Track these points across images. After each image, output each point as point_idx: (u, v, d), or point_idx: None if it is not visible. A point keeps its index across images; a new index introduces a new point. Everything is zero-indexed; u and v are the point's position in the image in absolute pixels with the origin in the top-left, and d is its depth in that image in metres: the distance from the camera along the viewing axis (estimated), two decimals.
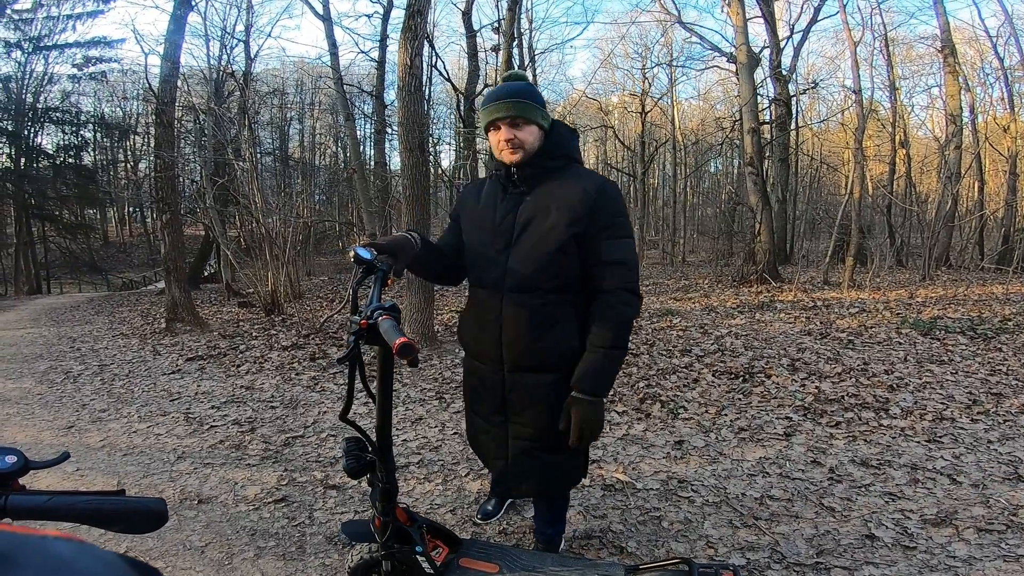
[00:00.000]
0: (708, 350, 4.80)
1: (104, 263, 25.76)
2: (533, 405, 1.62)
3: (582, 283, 1.58)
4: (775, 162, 14.26)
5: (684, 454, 2.83)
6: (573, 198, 1.53)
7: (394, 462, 1.53)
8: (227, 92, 15.67)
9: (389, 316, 1.20)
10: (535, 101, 1.58)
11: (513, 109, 1.55)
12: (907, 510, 2.25)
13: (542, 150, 1.59)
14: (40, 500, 0.68)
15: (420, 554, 1.59)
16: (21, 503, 0.68)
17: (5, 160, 22.12)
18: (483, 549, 1.78)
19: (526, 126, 1.56)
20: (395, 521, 1.54)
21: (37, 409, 4.06)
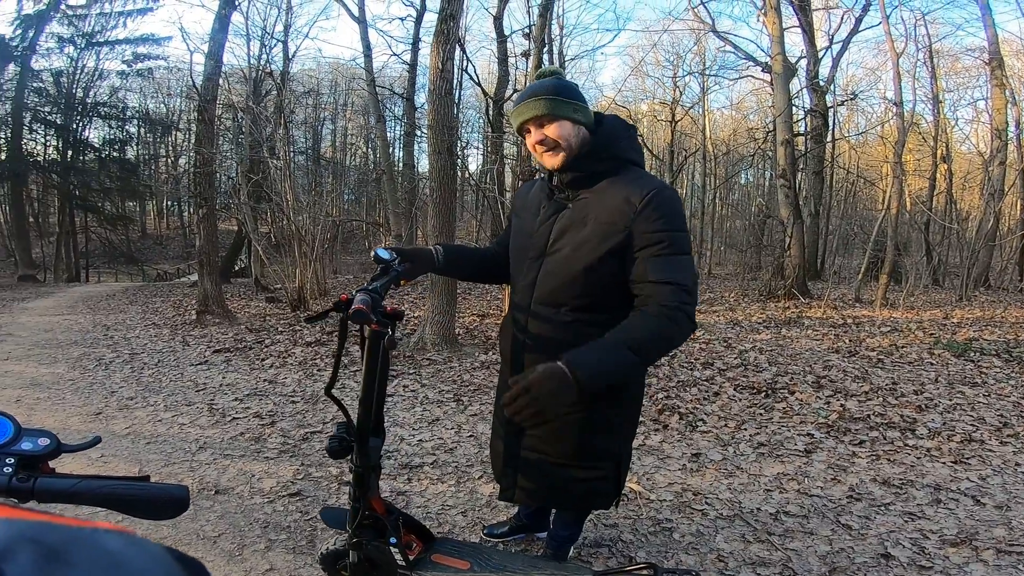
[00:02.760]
0: (731, 364, 4.72)
1: (141, 254, 26.69)
2: (547, 421, 1.51)
3: (620, 302, 1.41)
4: (809, 175, 13.95)
5: (700, 467, 2.79)
6: (613, 209, 1.36)
7: (377, 451, 1.53)
8: (264, 91, 16.10)
9: (366, 294, 1.24)
10: (566, 96, 1.41)
11: (539, 108, 1.40)
12: (927, 530, 2.19)
13: (586, 151, 1.42)
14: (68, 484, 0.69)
15: (394, 546, 1.61)
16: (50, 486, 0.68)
17: (53, 152, 23.13)
18: (456, 547, 1.79)
19: (556, 123, 1.40)
20: (369, 510, 1.54)
21: (68, 394, 4.20)
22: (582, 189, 1.44)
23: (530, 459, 1.61)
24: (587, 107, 1.45)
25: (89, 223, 24.21)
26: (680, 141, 21.80)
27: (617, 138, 1.45)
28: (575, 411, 1.50)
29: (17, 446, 0.71)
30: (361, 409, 1.46)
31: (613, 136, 1.45)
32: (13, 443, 0.72)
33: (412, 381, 4.34)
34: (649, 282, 1.33)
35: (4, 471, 0.69)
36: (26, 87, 21.19)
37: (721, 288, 11.68)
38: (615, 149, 1.43)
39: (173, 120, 27.91)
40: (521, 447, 1.63)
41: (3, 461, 0.70)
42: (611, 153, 1.43)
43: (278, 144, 9.34)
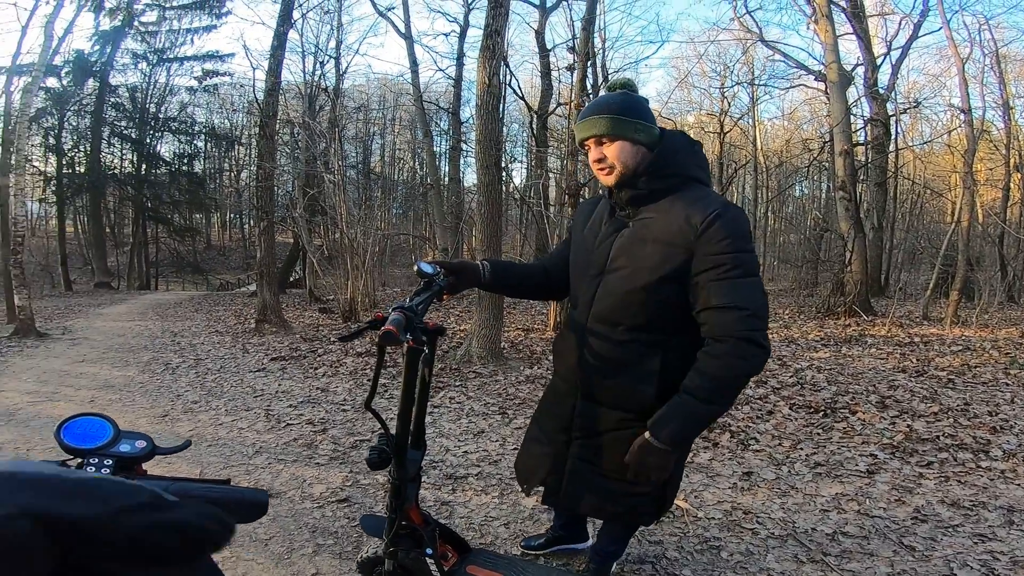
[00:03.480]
0: (786, 382, 4.54)
1: (205, 264, 28.16)
2: (599, 435, 1.54)
3: (679, 325, 1.40)
4: (870, 186, 13.29)
5: (752, 486, 2.69)
6: (673, 230, 1.33)
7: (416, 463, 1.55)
8: (319, 106, 16.80)
9: (401, 312, 1.25)
10: (628, 114, 1.38)
11: (599, 127, 1.39)
12: (997, 551, 2.06)
13: (645, 169, 1.39)
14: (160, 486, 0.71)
15: (430, 556, 1.62)
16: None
17: (128, 165, 24.84)
18: (491, 559, 1.78)
19: (616, 143, 1.39)
20: (405, 520, 1.56)
21: (138, 396, 4.48)
22: (644, 207, 1.42)
23: (577, 468, 1.60)
24: (651, 125, 1.42)
25: (160, 234, 25.79)
26: (729, 153, 21.27)
27: (677, 154, 1.42)
28: (623, 429, 1.49)
29: (116, 448, 0.75)
30: (399, 423, 1.48)
31: (673, 153, 1.42)
32: (112, 445, 0.75)
33: (458, 393, 4.39)
34: (712, 308, 1.30)
35: (102, 472, 0.71)
36: (105, 102, 22.82)
37: (775, 305, 11.26)
38: (676, 167, 1.41)
39: (236, 135, 29.41)
40: (569, 455, 1.62)
41: (102, 463, 0.73)
42: (672, 171, 1.40)
43: (332, 159, 9.73)
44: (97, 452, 0.73)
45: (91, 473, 0.69)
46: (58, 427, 0.75)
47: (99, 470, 0.71)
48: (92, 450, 0.73)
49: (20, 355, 6.17)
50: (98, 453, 0.73)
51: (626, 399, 1.48)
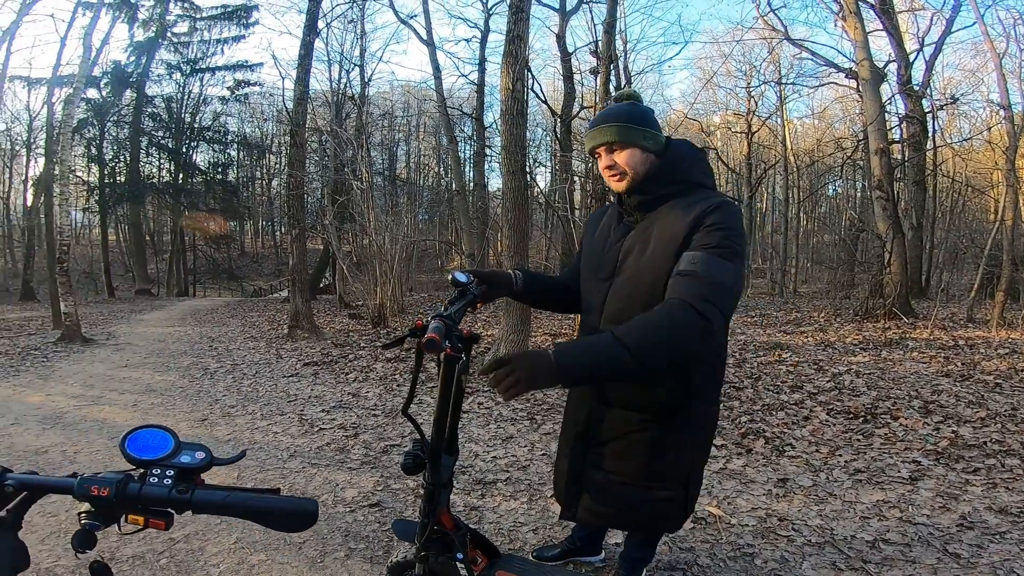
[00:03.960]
0: (823, 387, 4.42)
1: (239, 271, 28.96)
2: (614, 440, 1.55)
3: None
4: (908, 185, 12.86)
5: (787, 492, 2.63)
6: (676, 229, 1.37)
7: (449, 469, 1.57)
8: (345, 114, 17.13)
9: (440, 321, 1.27)
10: (637, 123, 1.45)
11: (609, 135, 1.45)
12: None
13: (653, 175, 1.45)
14: (220, 496, 0.74)
15: (460, 561, 1.63)
16: (205, 498, 0.73)
17: (166, 175, 25.68)
18: (520, 564, 1.78)
19: (626, 150, 1.45)
20: (437, 524, 1.58)
21: (178, 400, 4.62)
22: (651, 212, 1.46)
23: (595, 478, 1.60)
24: (658, 133, 1.48)
25: (196, 242, 26.57)
26: (758, 153, 20.87)
27: (684, 161, 1.47)
28: (640, 430, 1.50)
29: (177, 459, 0.77)
30: (435, 429, 1.50)
31: (680, 160, 1.47)
32: (173, 456, 0.78)
33: (487, 399, 4.41)
34: (676, 274, 1.30)
35: (164, 482, 0.74)
36: (142, 112, 23.64)
37: (809, 308, 10.97)
38: (681, 173, 1.46)
39: (267, 143, 30.15)
40: (586, 465, 1.62)
41: (164, 473, 0.75)
42: (678, 177, 1.45)
43: (360, 165, 9.89)
44: (159, 463, 0.75)
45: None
46: (123, 438, 0.78)
47: (161, 480, 0.74)
48: (154, 461, 0.75)
49: (66, 360, 6.44)
50: (160, 464, 0.75)
51: (639, 399, 1.49)
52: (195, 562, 2.09)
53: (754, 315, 9.58)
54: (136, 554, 2.11)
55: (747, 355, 5.78)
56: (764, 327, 8.09)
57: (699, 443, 1.60)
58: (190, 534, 2.27)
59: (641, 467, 1.53)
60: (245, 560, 2.10)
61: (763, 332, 7.53)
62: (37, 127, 20.56)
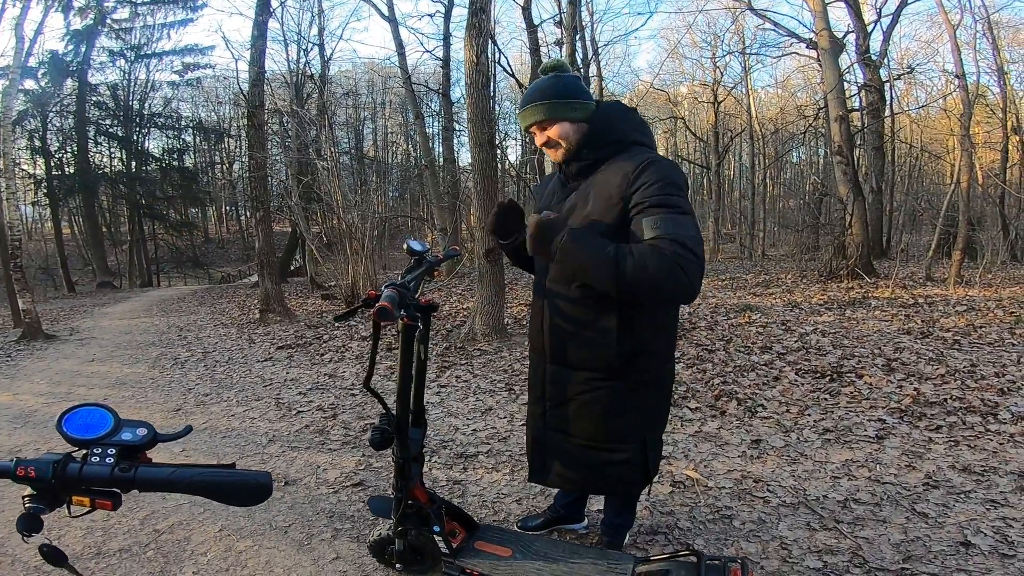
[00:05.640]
0: (791, 347, 4.55)
1: (205, 258, 28.10)
2: (569, 401, 1.61)
3: None
4: (868, 151, 13.18)
5: (761, 453, 2.72)
6: (611, 184, 1.43)
7: (418, 442, 1.60)
8: (306, 94, 16.60)
9: (394, 289, 1.27)
10: (563, 96, 1.50)
11: (538, 113, 1.52)
12: (1010, 518, 2.07)
13: (586, 142, 1.51)
14: (164, 472, 0.72)
15: (437, 534, 1.66)
16: (149, 475, 0.71)
17: (118, 163, 24.66)
18: (498, 534, 1.83)
19: (556, 125, 1.51)
20: (412, 499, 1.60)
21: (150, 392, 4.51)
22: (588, 174, 1.53)
23: (559, 442, 1.65)
24: (586, 101, 1.52)
25: (157, 230, 25.70)
26: (725, 122, 21.04)
27: (612, 123, 1.52)
28: (592, 390, 1.56)
29: (118, 436, 0.75)
30: (399, 402, 1.51)
31: (608, 123, 1.51)
32: (113, 434, 0.75)
33: (464, 371, 4.42)
34: (645, 241, 1.31)
35: (106, 461, 0.72)
36: (86, 101, 22.49)
37: (776, 270, 11.24)
38: (614, 134, 1.50)
39: (225, 127, 29.12)
40: (548, 427, 1.68)
41: (105, 452, 0.73)
42: (610, 139, 1.50)
43: (324, 145, 9.63)
44: (100, 442, 0.73)
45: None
46: (59, 418, 0.75)
47: (103, 460, 0.71)
48: (95, 440, 0.73)
49: (30, 358, 6.20)
50: (101, 443, 0.73)
51: (590, 358, 1.54)
52: (182, 552, 2.07)
53: (724, 278, 9.78)
54: (123, 547, 2.09)
55: (718, 318, 5.91)
56: (734, 290, 8.28)
57: (653, 403, 1.63)
58: (174, 524, 2.24)
59: (597, 427, 1.58)
60: (232, 547, 2.09)
61: (733, 295, 7.70)
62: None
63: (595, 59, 15.96)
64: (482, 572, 1.65)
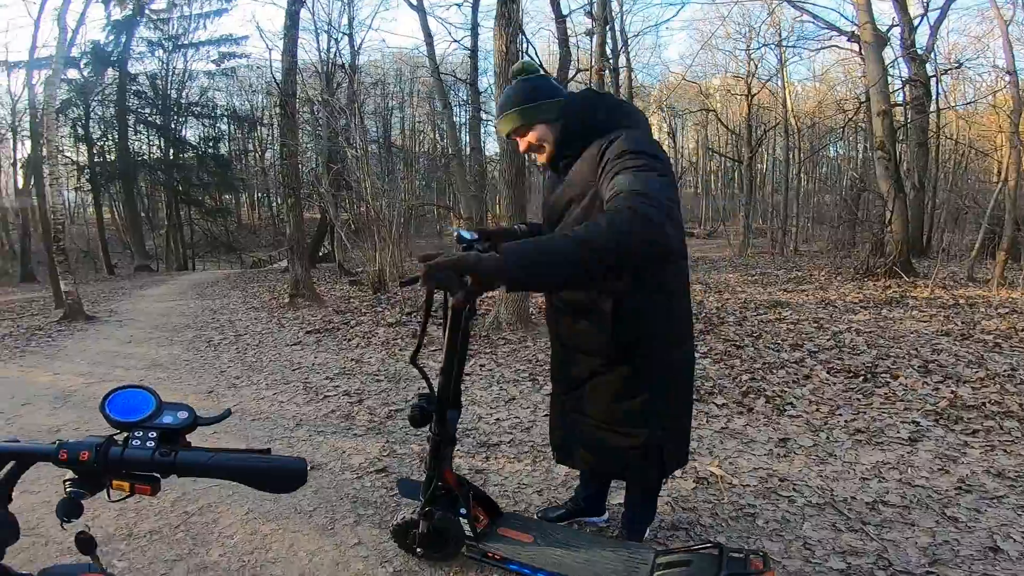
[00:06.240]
0: (823, 346, 4.44)
1: (238, 243, 28.84)
2: (582, 383, 1.64)
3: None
4: (911, 146, 12.71)
5: (788, 452, 2.67)
6: (585, 168, 1.43)
7: (454, 423, 1.62)
8: (336, 84, 16.78)
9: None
10: (531, 101, 1.52)
11: (512, 122, 1.55)
12: None
13: (565, 139, 1.52)
14: (205, 457, 0.70)
15: (463, 516, 1.69)
16: (189, 459, 0.70)
17: (156, 151, 25.46)
18: (521, 521, 1.86)
19: (532, 130, 1.54)
20: (442, 481, 1.64)
21: (184, 374, 4.64)
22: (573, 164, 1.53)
23: (578, 423, 1.68)
24: (554, 100, 1.52)
25: (193, 216, 26.48)
26: (758, 115, 20.50)
27: (585, 114, 1.51)
28: (600, 374, 1.58)
29: (159, 419, 0.74)
30: (442, 379, 1.56)
31: (581, 114, 1.51)
32: (155, 417, 0.74)
33: (488, 360, 4.44)
34: (607, 200, 1.19)
35: (147, 445, 0.71)
36: (127, 90, 23.34)
37: (809, 266, 10.96)
38: (590, 123, 1.49)
39: (258, 116, 29.72)
40: (566, 408, 1.71)
41: (147, 435, 0.72)
42: (585, 129, 1.49)
43: (354, 134, 9.73)
44: (141, 425, 0.72)
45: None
46: (103, 401, 0.75)
47: (144, 443, 0.71)
48: (136, 423, 0.73)
49: (71, 338, 6.46)
50: (142, 426, 0.72)
51: (591, 343, 1.57)
52: (209, 534, 2.12)
53: (754, 274, 9.60)
54: (153, 529, 2.14)
55: (747, 313, 5.80)
56: (764, 286, 8.11)
57: (663, 389, 1.59)
58: (203, 507, 2.30)
59: (607, 410, 1.60)
60: (257, 531, 2.13)
61: (763, 291, 7.55)
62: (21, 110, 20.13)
63: (624, 50, 15.72)
64: (504, 556, 1.67)
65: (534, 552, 1.66)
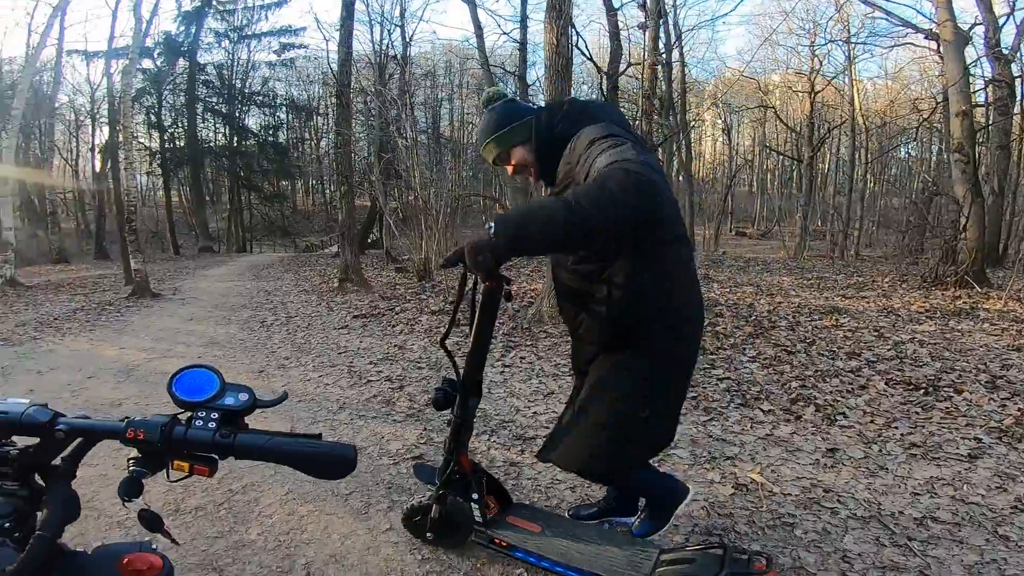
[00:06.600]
0: (883, 356, 4.21)
1: (292, 228, 29.91)
2: (584, 374, 1.66)
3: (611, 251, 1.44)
4: (992, 149, 11.82)
5: (836, 463, 2.55)
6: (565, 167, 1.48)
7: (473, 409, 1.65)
8: (388, 75, 17.10)
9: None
10: (502, 127, 1.57)
11: (492, 150, 1.60)
12: None
13: (544, 155, 1.56)
14: (262, 440, 0.70)
15: (475, 502, 1.73)
16: (247, 442, 0.70)
17: (221, 138, 26.74)
18: (531, 512, 1.89)
19: (512, 155, 1.60)
20: (458, 465, 1.68)
21: (238, 353, 4.86)
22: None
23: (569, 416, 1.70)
24: (524, 122, 1.57)
25: (252, 201, 27.70)
26: (822, 113, 19.51)
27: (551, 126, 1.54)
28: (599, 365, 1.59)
29: (222, 401, 0.74)
30: (469, 363, 1.60)
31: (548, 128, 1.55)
32: (218, 397, 0.74)
33: (529, 353, 4.44)
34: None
35: (209, 426, 0.71)
36: (196, 80, 24.55)
37: (871, 272, 10.39)
38: (557, 132, 1.53)
39: (314, 106, 30.70)
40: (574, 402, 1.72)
41: (209, 416, 0.72)
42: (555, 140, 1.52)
43: (404, 124, 9.90)
44: (204, 405, 0.73)
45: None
46: (170, 379, 0.75)
47: (206, 424, 0.71)
48: (200, 403, 0.73)
49: (137, 314, 6.88)
50: (205, 406, 0.73)
51: (589, 331, 1.58)
52: (250, 512, 2.18)
53: (810, 278, 9.19)
54: (199, 505, 2.22)
55: (801, 318, 5.56)
56: (821, 290, 7.75)
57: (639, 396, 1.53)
58: (247, 485, 2.37)
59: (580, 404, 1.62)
60: (295, 511, 2.19)
61: (819, 295, 7.22)
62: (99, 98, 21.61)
63: (678, 44, 15.28)
64: (510, 543, 1.71)
65: (540, 542, 1.69)
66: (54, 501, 0.70)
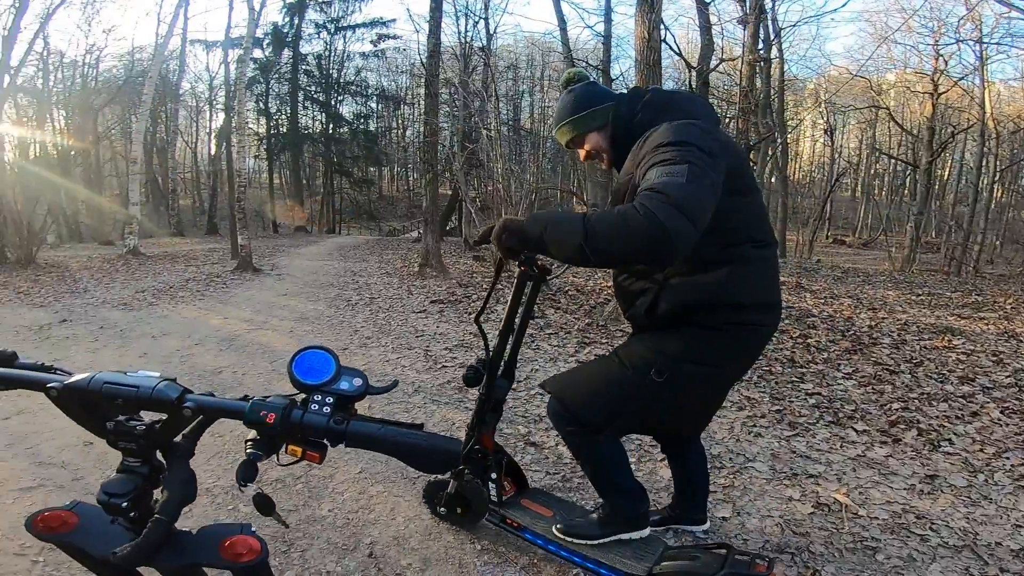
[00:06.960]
0: (1000, 383, 3.79)
1: (378, 212, 31.35)
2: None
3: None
4: None
5: (934, 490, 2.34)
6: (630, 162, 1.42)
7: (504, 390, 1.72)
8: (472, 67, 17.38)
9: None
10: (580, 111, 1.55)
11: (567, 133, 1.58)
12: None
13: (620, 143, 1.52)
14: (373, 428, 0.67)
15: (493, 481, 1.78)
16: (359, 430, 0.67)
17: (318, 125, 28.47)
18: (545, 497, 1.93)
19: (586, 140, 1.57)
20: (479, 444, 1.73)
21: (325, 329, 5.14)
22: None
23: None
24: (603, 107, 1.54)
25: (343, 185, 29.33)
26: (946, 116, 17.59)
27: (631, 115, 1.50)
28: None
29: (337, 385, 0.70)
30: (498, 343, 1.68)
31: (627, 116, 1.51)
32: (334, 381, 0.71)
33: (604, 351, 4.40)
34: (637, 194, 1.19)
35: (324, 411, 0.68)
36: (298, 70, 26.27)
37: (993, 291, 9.32)
38: (635, 122, 1.48)
39: (402, 96, 31.91)
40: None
41: (324, 400, 0.69)
42: (631, 130, 1.47)
43: (488, 115, 10.03)
44: (320, 389, 0.70)
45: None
46: (291, 360, 0.73)
47: (321, 408, 0.69)
48: (317, 386, 0.71)
49: (240, 287, 7.49)
50: (321, 390, 0.70)
51: (643, 324, 1.57)
52: (324, 488, 2.27)
53: (920, 293, 8.38)
54: (279, 478, 2.32)
55: (907, 336, 5.10)
56: (932, 308, 7.05)
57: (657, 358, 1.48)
58: (325, 461, 2.50)
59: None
60: (366, 491, 2.27)
61: (930, 313, 6.58)
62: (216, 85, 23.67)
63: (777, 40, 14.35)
64: (521, 524, 1.76)
65: (549, 526, 1.74)
66: (174, 482, 0.69)
